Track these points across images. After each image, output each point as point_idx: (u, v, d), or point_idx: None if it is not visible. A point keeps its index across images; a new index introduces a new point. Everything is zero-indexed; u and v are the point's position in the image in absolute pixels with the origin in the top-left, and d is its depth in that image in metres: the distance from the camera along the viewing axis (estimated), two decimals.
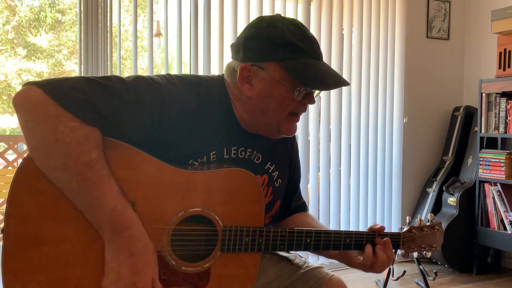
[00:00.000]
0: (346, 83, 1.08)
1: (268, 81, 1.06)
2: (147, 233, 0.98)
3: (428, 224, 1.25)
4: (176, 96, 1.04)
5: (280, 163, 1.24)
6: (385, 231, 1.21)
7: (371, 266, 1.16)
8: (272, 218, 1.24)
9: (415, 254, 1.24)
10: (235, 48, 1.12)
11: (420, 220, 1.26)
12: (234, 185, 1.05)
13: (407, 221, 1.29)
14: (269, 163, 1.20)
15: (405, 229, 1.23)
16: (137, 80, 1.02)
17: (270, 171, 1.21)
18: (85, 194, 0.92)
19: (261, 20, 1.10)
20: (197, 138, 1.06)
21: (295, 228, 1.12)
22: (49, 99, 0.90)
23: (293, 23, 1.09)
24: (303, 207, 1.37)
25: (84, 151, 0.91)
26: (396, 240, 1.20)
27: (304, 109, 1.12)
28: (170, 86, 1.04)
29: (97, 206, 0.93)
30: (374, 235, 1.17)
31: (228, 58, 1.33)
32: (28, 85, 0.92)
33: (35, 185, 0.94)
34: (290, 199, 1.32)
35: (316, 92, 1.12)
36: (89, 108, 0.93)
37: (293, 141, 1.31)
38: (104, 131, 0.95)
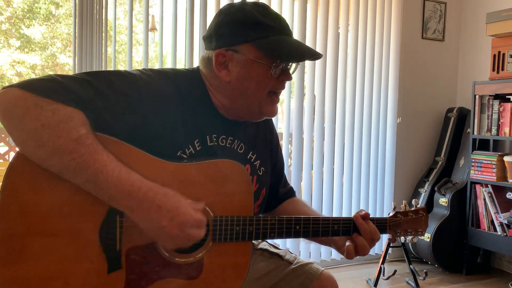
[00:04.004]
0: (319, 55, 1.11)
1: (244, 63, 1.08)
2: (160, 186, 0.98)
3: (412, 209, 1.27)
4: (152, 86, 1.05)
5: (261, 152, 1.26)
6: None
7: (356, 252, 1.17)
8: (260, 206, 1.25)
9: (402, 239, 1.26)
10: (208, 38, 1.14)
11: (405, 205, 1.28)
12: (223, 176, 1.06)
13: (393, 206, 1.31)
14: (251, 152, 1.22)
15: (391, 214, 1.26)
16: (110, 73, 1.03)
17: (252, 160, 1.22)
18: (86, 170, 0.91)
19: (229, 7, 1.13)
20: (179, 128, 1.07)
21: (284, 216, 1.13)
22: (26, 93, 0.90)
23: (260, 5, 1.12)
24: (291, 192, 1.40)
25: (71, 129, 0.91)
26: (382, 224, 1.22)
27: (283, 86, 1.15)
28: (145, 77, 1.05)
29: (102, 178, 0.92)
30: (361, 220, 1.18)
31: None
32: (4, 89, 0.93)
33: (26, 183, 0.93)
34: (277, 186, 1.35)
35: (292, 68, 1.14)
36: (66, 92, 0.93)
37: (271, 129, 1.33)
38: (86, 114, 0.95)
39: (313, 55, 1.11)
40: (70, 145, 0.90)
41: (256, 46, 1.08)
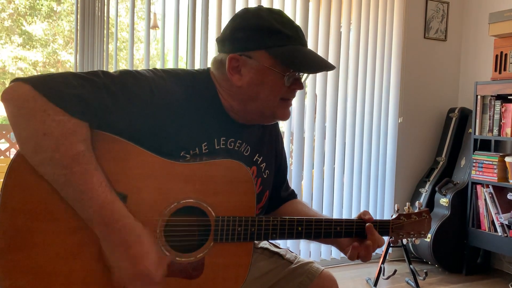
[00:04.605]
0: (332, 67, 1.11)
1: (258, 69, 1.08)
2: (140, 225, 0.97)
3: (416, 211, 1.27)
4: (164, 88, 1.04)
5: (267, 154, 1.26)
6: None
7: (358, 256, 1.19)
8: (261, 208, 1.25)
9: (405, 241, 1.27)
10: (221, 41, 1.13)
11: (409, 208, 1.29)
12: (226, 176, 1.06)
13: (396, 208, 1.31)
14: (257, 154, 1.22)
15: (394, 216, 1.25)
16: (124, 74, 1.03)
17: (258, 162, 1.22)
18: (72, 188, 0.92)
19: (246, 11, 1.12)
20: (187, 130, 1.06)
21: (286, 217, 1.13)
22: (37, 94, 0.90)
23: (278, 12, 1.11)
24: (293, 194, 1.40)
25: (71, 144, 0.91)
26: (385, 227, 1.23)
27: (294, 94, 1.14)
28: (157, 79, 1.05)
29: (85, 200, 0.92)
30: (364, 222, 1.19)
31: None
32: (16, 81, 0.92)
33: (28, 180, 0.93)
34: (279, 189, 1.35)
35: (304, 77, 1.14)
36: (77, 101, 0.92)
37: (277, 133, 1.33)
38: (93, 124, 0.95)
39: (327, 67, 1.10)
40: (65, 161, 0.90)
41: (271, 54, 1.07)
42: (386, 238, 1.26)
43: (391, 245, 2.80)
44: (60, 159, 0.90)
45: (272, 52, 1.07)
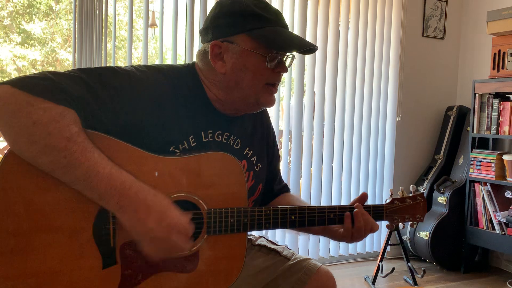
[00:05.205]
0: (314, 47, 1.11)
1: (240, 53, 1.08)
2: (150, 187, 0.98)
3: (410, 195, 1.27)
4: (146, 82, 1.05)
5: (258, 147, 1.26)
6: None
7: (352, 237, 1.18)
8: (255, 202, 1.25)
9: (401, 225, 1.26)
10: (204, 31, 1.14)
11: (403, 192, 1.28)
12: (216, 169, 1.06)
13: (390, 193, 1.31)
14: (248, 148, 1.22)
15: (388, 200, 1.25)
16: (103, 69, 1.03)
17: (248, 156, 1.22)
18: (76, 168, 0.91)
19: None
20: (173, 124, 1.06)
21: (279, 207, 1.13)
22: (17, 91, 0.90)
23: None
24: (285, 188, 1.40)
25: (63, 127, 0.90)
26: (379, 212, 1.23)
27: (279, 78, 1.14)
28: (138, 73, 1.05)
29: (92, 176, 0.91)
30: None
31: None
32: None
33: (23, 181, 0.93)
34: (271, 183, 1.35)
35: (288, 61, 1.14)
36: (59, 91, 0.92)
37: (268, 126, 1.33)
38: (79, 115, 0.94)
39: (309, 47, 1.10)
40: (61, 143, 0.90)
41: (252, 37, 1.07)
42: (383, 225, 1.25)
43: (389, 242, 2.80)
44: (56, 143, 0.89)
45: (252, 34, 1.07)
